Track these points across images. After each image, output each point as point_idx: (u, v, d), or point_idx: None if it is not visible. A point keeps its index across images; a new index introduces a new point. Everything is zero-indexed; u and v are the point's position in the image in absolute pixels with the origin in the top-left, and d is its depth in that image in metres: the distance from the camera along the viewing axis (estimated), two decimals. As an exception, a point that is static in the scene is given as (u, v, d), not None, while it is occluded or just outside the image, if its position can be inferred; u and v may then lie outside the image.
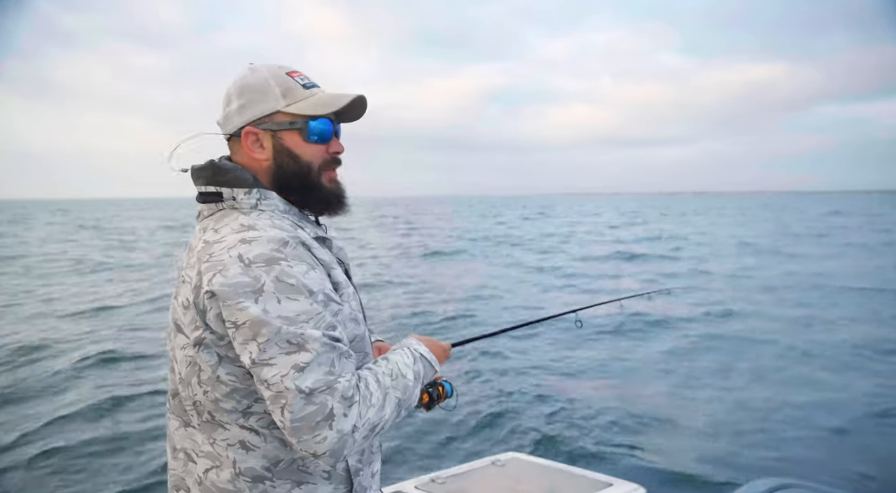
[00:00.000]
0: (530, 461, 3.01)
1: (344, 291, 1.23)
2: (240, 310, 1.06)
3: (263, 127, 1.24)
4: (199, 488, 1.19)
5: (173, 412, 1.25)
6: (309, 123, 1.24)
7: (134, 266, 18.32)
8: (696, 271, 16.47)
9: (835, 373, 7.12)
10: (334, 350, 1.08)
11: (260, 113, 1.24)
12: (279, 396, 1.04)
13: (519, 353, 8.02)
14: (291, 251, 1.12)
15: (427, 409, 1.50)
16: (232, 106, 1.25)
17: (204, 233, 1.20)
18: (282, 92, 1.24)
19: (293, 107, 1.24)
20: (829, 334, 9.03)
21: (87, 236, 31.42)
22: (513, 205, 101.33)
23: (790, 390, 6.49)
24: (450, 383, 1.52)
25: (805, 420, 5.60)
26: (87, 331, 9.42)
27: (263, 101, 1.23)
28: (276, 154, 1.25)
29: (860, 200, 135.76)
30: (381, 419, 1.12)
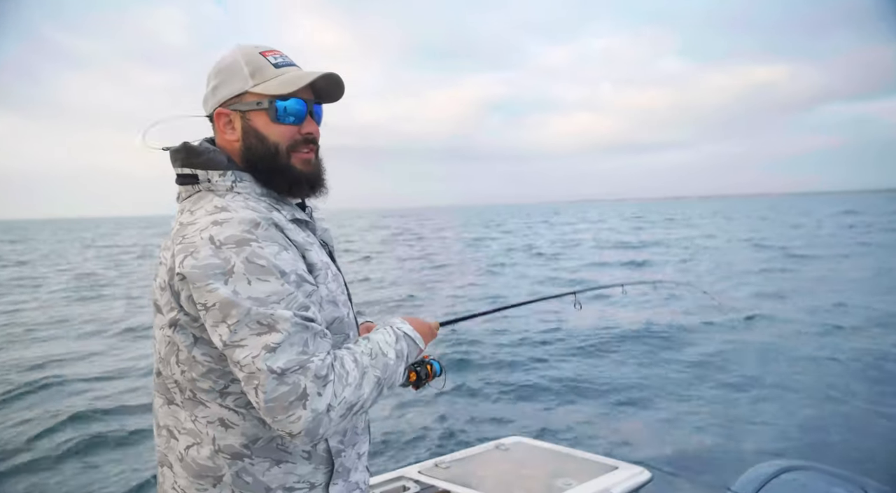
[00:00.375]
0: (534, 445, 3.00)
1: (322, 272, 1.21)
2: (209, 292, 1.06)
3: (233, 107, 1.23)
4: (181, 464, 1.19)
5: (157, 389, 1.25)
6: (276, 102, 1.21)
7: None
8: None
9: (844, 356, 7.08)
10: (307, 330, 1.07)
11: (230, 93, 1.22)
12: (252, 376, 1.03)
13: (523, 335, 8.03)
14: (263, 232, 1.10)
15: (416, 387, 1.48)
16: (209, 87, 1.25)
17: (181, 215, 1.20)
18: (250, 71, 1.22)
19: (260, 87, 1.21)
20: (844, 319, 8.99)
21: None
22: (518, 213, 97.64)
23: (797, 374, 6.46)
24: (439, 362, 1.50)
25: (811, 404, 5.57)
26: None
27: (232, 81, 1.22)
28: (244, 135, 1.23)
29: (868, 199, 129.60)
30: (360, 398, 1.10)
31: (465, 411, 5.52)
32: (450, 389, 5.99)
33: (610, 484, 2.50)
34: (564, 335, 8.17)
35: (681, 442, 4.81)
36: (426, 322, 1.40)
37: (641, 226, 43.18)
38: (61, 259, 28.29)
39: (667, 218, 53.37)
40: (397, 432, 4.98)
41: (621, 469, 2.64)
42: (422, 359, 1.46)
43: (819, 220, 42.74)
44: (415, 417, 5.33)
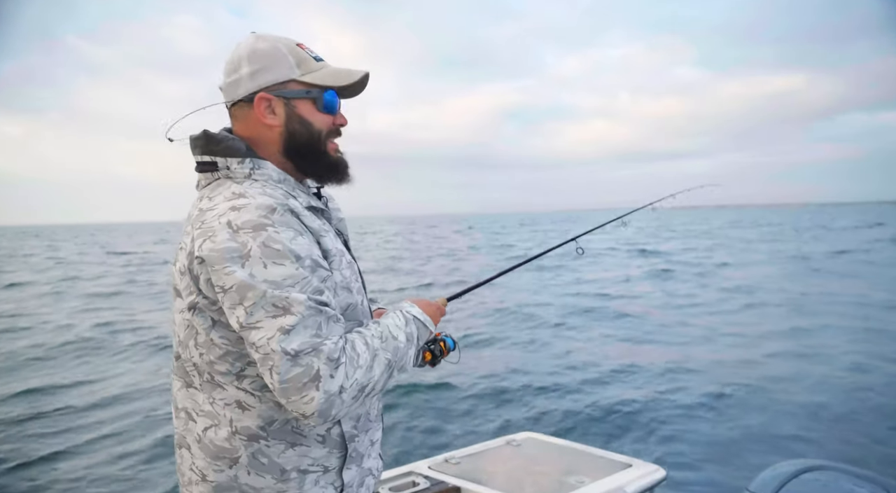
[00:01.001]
0: (547, 441, 2.95)
1: (336, 258, 1.24)
2: (227, 274, 1.09)
3: (276, 93, 1.25)
4: (199, 445, 1.22)
5: (176, 373, 1.29)
6: (324, 93, 1.28)
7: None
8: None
9: (871, 356, 6.94)
10: (321, 314, 1.10)
11: (273, 80, 1.25)
12: (266, 358, 1.07)
13: (535, 327, 7.98)
14: (279, 218, 1.14)
15: (432, 365, 1.51)
16: (242, 71, 1.26)
17: (200, 201, 1.24)
18: (296, 61, 1.27)
19: (308, 76, 1.27)
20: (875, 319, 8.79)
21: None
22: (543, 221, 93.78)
23: (818, 371, 6.35)
24: (451, 337, 1.52)
25: (833, 403, 5.47)
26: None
27: (277, 68, 1.25)
28: (287, 121, 1.27)
29: (891, 210, 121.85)
30: (370, 380, 1.13)
31: (476, 406, 5.50)
32: (459, 381, 5.95)
33: (624, 482, 2.45)
34: (577, 326, 8.11)
35: (697, 440, 4.74)
36: (433, 302, 1.43)
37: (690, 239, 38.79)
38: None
39: (703, 230, 49.38)
40: (408, 426, 4.97)
41: (635, 467, 2.59)
42: (434, 338, 1.48)
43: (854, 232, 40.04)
44: (425, 411, 5.32)
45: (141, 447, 4.93)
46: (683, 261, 20.64)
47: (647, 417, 5.20)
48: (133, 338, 9.38)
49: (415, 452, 4.40)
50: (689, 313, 9.67)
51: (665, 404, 5.49)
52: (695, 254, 24.03)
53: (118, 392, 6.47)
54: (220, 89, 1.31)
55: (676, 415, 5.23)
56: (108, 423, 5.54)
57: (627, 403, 5.51)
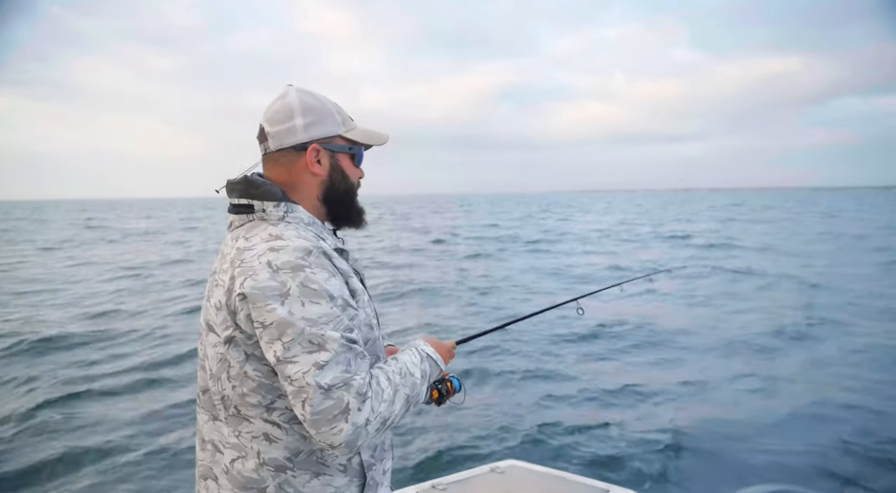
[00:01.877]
0: (529, 469, 3.05)
1: (360, 298, 1.34)
2: (268, 311, 1.17)
3: (325, 146, 1.39)
4: (227, 476, 1.29)
5: (202, 406, 1.36)
6: (360, 149, 1.45)
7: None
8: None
9: (844, 376, 6.98)
10: (351, 351, 1.19)
11: (325, 133, 1.39)
12: (301, 391, 1.15)
13: (517, 356, 7.94)
14: (315, 260, 1.23)
15: (438, 404, 1.60)
16: (297, 122, 1.37)
17: (236, 241, 1.31)
18: (342, 120, 1.42)
19: (350, 133, 1.43)
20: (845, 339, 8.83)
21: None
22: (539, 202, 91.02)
23: (789, 395, 6.41)
24: (457, 378, 1.62)
25: (803, 427, 5.55)
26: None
27: (329, 123, 1.40)
28: (332, 171, 1.41)
29: (885, 195, 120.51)
30: (392, 414, 1.22)
31: (460, 432, 5.54)
32: (445, 411, 6.00)
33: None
34: (560, 353, 8.07)
35: (672, 465, 4.83)
36: (444, 344, 1.53)
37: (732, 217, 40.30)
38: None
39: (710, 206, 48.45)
40: (395, 454, 4.90)
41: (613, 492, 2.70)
42: (442, 377, 1.58)
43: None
44: (412, 439, 5.36)
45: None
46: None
47: (626, 443, 5.27)
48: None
49: (401, 478, 4.36)
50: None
51: (643, 429, 5.55)
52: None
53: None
54: (265, 133, 1.39)
55: (654, 441, 5.30)
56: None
57: (607, 429, 5.57)
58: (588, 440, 5.33)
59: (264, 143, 1.40)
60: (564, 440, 5.36)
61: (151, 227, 40.58)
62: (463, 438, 5.43)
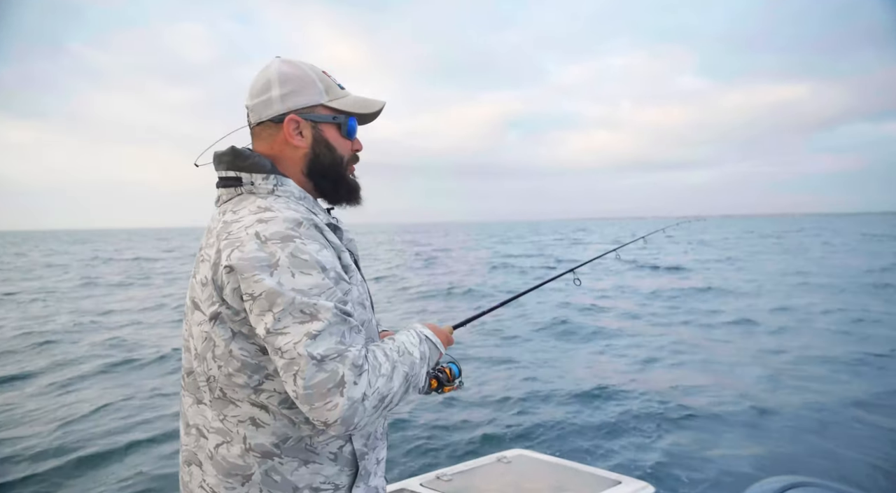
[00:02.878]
0: (537, 458, 2.97)
1: (353, 275, 1.27)
2: (256, 282, 1.11)
3: (305, 116, 1.31)
4: (211, 462, 1.23)
5: (187, 389, 1.30)
6: (349, 119, 1.35)
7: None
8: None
9: (856, 371, 6.94)
10: (345, 323, 1.12)
11: (304, 103, 1.30)
12: (292, 362, 1.07)
13: (526, 346, 7.93)
14: (305, 231, 1.17)
15: (438, 392, 1.52)
16: (273, 93, 1.30)
17: (223, 215, 1.25)
18: (324, 87, 1.33)
19: (335, 102, 1.33)
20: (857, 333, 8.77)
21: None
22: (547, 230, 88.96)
23: (805, 387, 6.37)
24: (456, 364, 1.54)
25: (820, 419, 5.48)
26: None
27: (307, 92, 1.30)
28: (314, 143, 1.32)
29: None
30: (390, 391, 1.14)
31: (467, 422, 5.49)
32: (454, 399, 5.96)
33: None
34: (568, 345, 8.06)
35: (685, 457, 4.75)
36: (442, 329, 1.45)
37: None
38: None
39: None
40: (399, 443, 4.94)
41: (625, 484, 2.61)
42: (440, 365, 1.51)
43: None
44: (417, 428, 5.30)
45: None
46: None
47: (638, 433, 5.21)
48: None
49: (406, 468, 4.42)
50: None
51: (655, 420, 5.50)
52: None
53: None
54: (246, 108, 1.35)
55: (666, 432, 5.25)
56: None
57: (618, 419, 5.52)
58: (598, 431, 5.26)
59: (248, 117, 1.35)
60: (574, 430, 5.29)
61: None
62: (469, 427, 5.37)
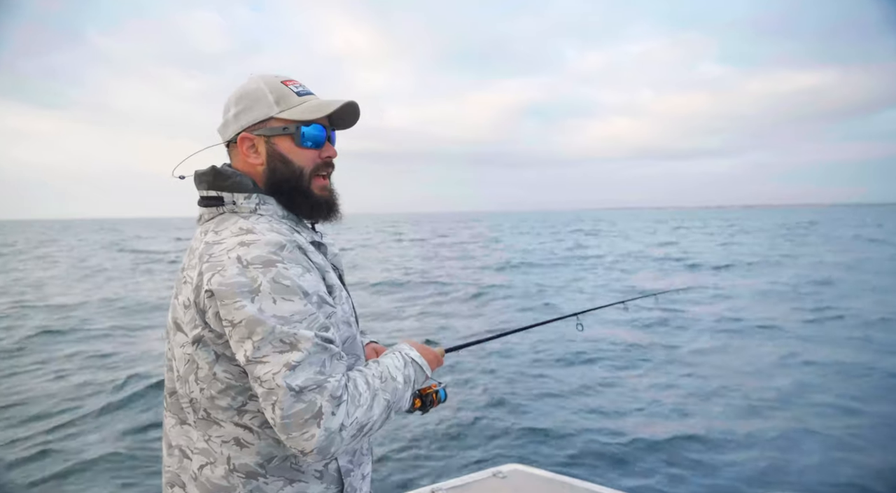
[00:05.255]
0: (533, 473, 2.96)
1: (337, 294, 1.26)
2: (237, 309, 1.10)
3: (257, 133, 1.28)
4: (195, 483, 1.22)
5: (169, 409, 1.28)
6: (301, 128, 1.28)
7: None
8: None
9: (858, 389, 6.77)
10: (326, 351, 1.11)
11: (254, 119, 1.28)
12: (271, 393, 1.07)
13: (523, 359, 7.86)
14: (288, 254, 1.15)
15: (422, 412, 1.51)
16: (230, 113, 1.29)
17: (205, 235, 1.23)
18: (275, 99, 1.28)
19: (286, 113, 1.27)
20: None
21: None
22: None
23: (804, 402, 6.26)
24: (444, 389, 1.53)
25: (818, 434, 5.40)
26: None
27: (257, 107, 1.27)
28: (269, 159, 1.28)
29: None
30: (370, 420, 1.14)
31: (462, 436, 5.44)
32: (448, 413, 5.93)
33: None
34: (566, 359, 7.97)
35: (682, 472, 4.70)
36: (432, 350, 1.45)
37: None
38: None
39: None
40: (393, 458, 4.90)
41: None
42: (428, 386, 1.50)
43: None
44: (411, 442, 5.25)
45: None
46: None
47: (634, 448, 5.15)
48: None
49: (400, 483, 4.33)
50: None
51: (652, 435, 5.43)
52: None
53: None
54: (217, 132, 1.34)
55: (661, 445, 5.18)
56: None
57: (615, 434, 5.45)
58: (595, 447, 5.21)
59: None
60: (571, 445, 5.25)
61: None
62: (464, 441, 5.34)
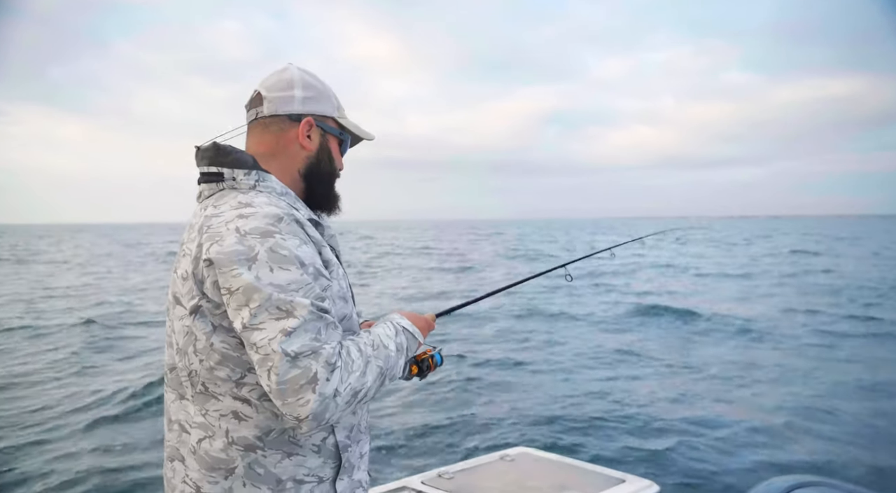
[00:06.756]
0: (540, 456, 2.94)
1: (334, 270, 1.29)
2: (234, 276, 1.13)
3: (319, 124, 1.39)
4: (194, 457, 1.23)
5: (169, 385, 1.31)
6: (349, 138, 1.46)
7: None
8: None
9: (862, 368, 6.89)
10: (321, 319, 1.13)
11: (322, 111, 1.40)
12: (266, 358, 1.09)
13: (528, 342, 7.90)
14: (285, 226, 1.19)
15: (420, 378, 1.55)
16: (296, 92, 1.36)
17: (204, 210, 1.27)
18: (337, 105, 1.43)
19: (343, 120, 1.44)
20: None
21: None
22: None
23: (811, 386, 6.33)
24: (440, 353, 1.56)
25: (825, 417, 5.45)
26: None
27: (325, 103, 1.40)
28: (319, 150, 1.40)
29: None
30: (363, 386, 1.16)
31: (470, 419, 5.46)
32: (454, 396, 5.93)
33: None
34: (571, 343, 8.03)
35: (690, 455, 4.72)
36: (423, 316, 1.48)
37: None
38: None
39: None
40: (400, 441, 4.93)
41: (629, 483, 2.59)
42: (423, 351, 1.53)
43: None
44: (418, 425, 5.27)
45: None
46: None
47: (641, 431, 5.18)
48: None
49: (407, 466, 4.36)
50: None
51: (659, 418, 5.47)
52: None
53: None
54: (262, 97, 1.36)
55: (670, 430, 5.21)
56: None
57: (621, 417, 5.48)
58: (602, 430, 5.22)
59: (257, 107, 1.37)
60: (578, 428, 5.25)
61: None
62: (472, 424, 5.33)
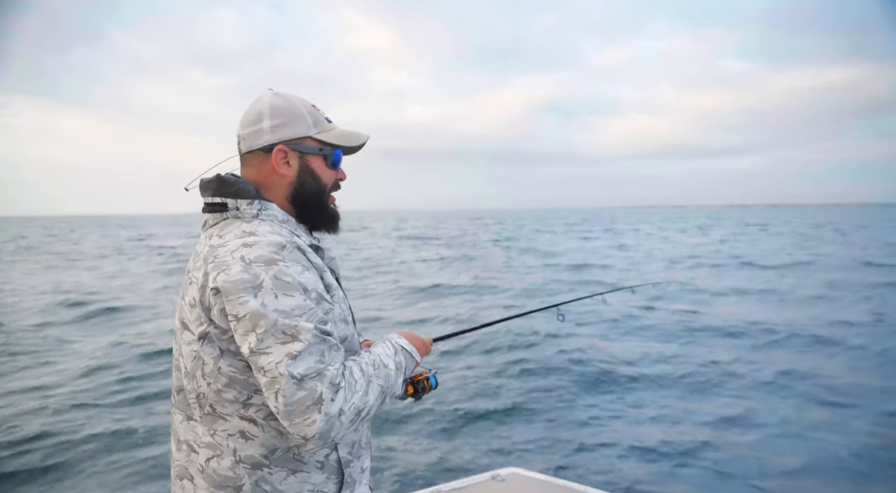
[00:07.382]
0: (531, 477, 2.97)
1: (335, 294, 1.34)
2: (241, 304, 1.18)
3: (293, 147, 1.39)
4: (202, 476, 1.29)
5: (177, 406, 1.36)
6: (335, 151, 1.44)
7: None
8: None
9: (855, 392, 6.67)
10: (324, 342, 1.19)
11: (292, 135, 1.39)
12: (274, 381, 1.14)
13: (521, 360, 7.78)
14: (288, 254, 1.24)
15: (415, 399, 1.59)
16: (263, 124, 1.38)
17: (209, 239, 1.33)
18: (313, 121, 1.42)
19: (322, 135, 1.42)
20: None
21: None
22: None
23: (804, 411, 6.20)
24: (435, 376, 1.61)
25: (817, 445, 5.34)
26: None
27: (296, 125, 1.39)
28: (300, 173, 1.41)
29: None
30: (366, 404, 1.22)
31: (460, 439, 5.44)
32: (445, 416, 5.93)
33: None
34: (562, 362, 7.87)
35: (681, 479, 4.68)
36: (420, 337, 1.54)
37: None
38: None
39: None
40: (392, 460, 4.91)
41: None
42: (419, 373, 1.58)
43: None
44: (410, 445, 5.26)
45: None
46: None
47: (633, 453, 5.12)
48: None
49: (399, 485, 4.36)
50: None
51: (651, 439, 5.39)
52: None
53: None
54: (238, 136, 1.42)
55: (660, 451, 5.15)
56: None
57: (613, 437, 5.43)
58: (595, 451, 5.19)
59: (239, 144, 1.43)
60: (570, 449, 5.23)
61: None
62: (463, 443, 5.33)
